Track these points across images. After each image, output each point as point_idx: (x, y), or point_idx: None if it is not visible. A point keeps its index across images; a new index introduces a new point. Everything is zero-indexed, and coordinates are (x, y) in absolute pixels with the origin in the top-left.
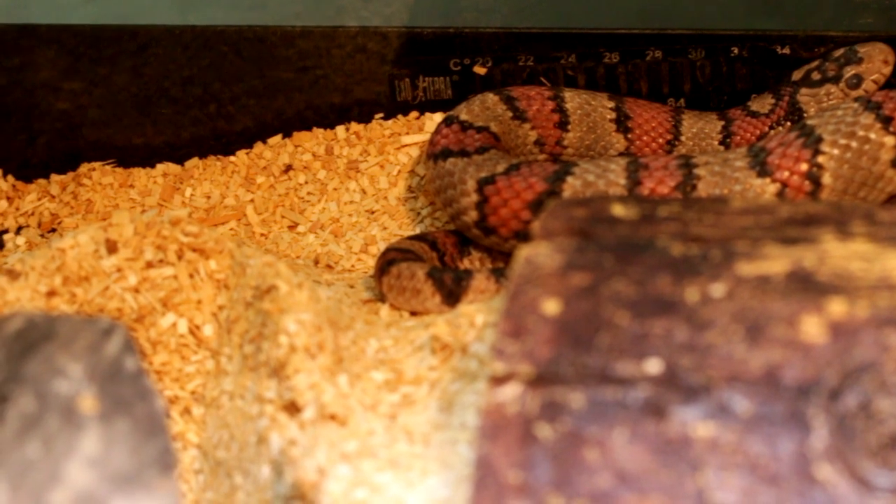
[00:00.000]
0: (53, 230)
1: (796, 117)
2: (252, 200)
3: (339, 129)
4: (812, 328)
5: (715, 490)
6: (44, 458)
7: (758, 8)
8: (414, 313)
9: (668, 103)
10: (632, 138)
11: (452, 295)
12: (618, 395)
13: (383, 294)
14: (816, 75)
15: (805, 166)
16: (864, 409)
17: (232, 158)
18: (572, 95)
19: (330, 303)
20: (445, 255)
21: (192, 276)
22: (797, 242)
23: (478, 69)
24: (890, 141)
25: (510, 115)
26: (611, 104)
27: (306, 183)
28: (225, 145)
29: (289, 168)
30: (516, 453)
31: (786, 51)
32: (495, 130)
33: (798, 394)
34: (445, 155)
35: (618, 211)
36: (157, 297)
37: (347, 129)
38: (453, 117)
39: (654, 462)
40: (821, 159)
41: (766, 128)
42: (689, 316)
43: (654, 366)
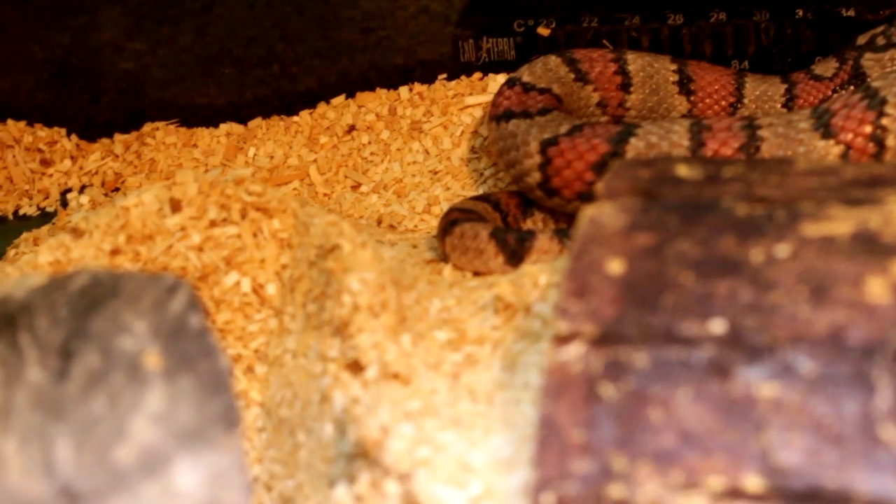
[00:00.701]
0: (117, 189)
1: (860, 81)
2: (315, 161)
3: (403, 90)
4: (876, 289)
5: (778, 450)
6: (109, 414)
7: None
8: (477, 273)
9: (731, 66)
10: (694, 101)
11: (516, 255)
12: (682, 355)
13: (446, 254)
14: (881, 40)
15: (869, 128)
16: None
17: (295, 119)
18: (635, 57)
19: (393, 262)
20: (508, 215)
21: (255, 235)
22: (862, 203)
23: (541, 30)
24: None
25: (572, 76)
26: (673, 66)
27: (369, 143)
28: (288, 105)
29: (352, 128)
30: (580, 412)
31: (850, 13)
32: (558, 92)
33: (862, 354)
34: (508, 116)
35: (682, 171)
36: (221, 256)
37: (411, 90)
38: (516, 79)
39: (718, 422)
40: (885, 121)
41: (830, 91)
42: (753, 276)
43: (718, 326)
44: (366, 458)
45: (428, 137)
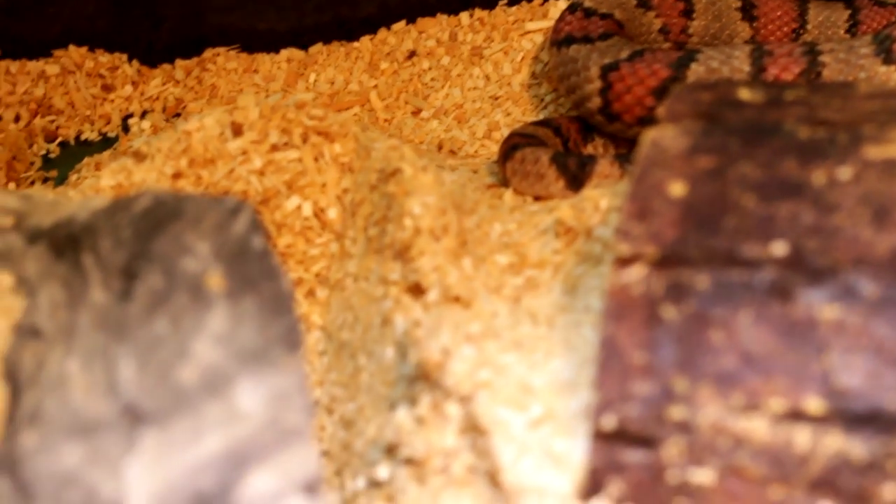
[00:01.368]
0: (178, 115)
1: None
2: (376, 86)
3: (463, 16)
4: None
5: (840, 372)
6: (172, 335)
7: None
8: (538, 198)
9: None
10: (757, 27)
11: (576, 179)
12: (743, 277)
13: (507, 179)
14: None
15: None
16: None
17: (356, 44)
18: None
19: (454, 186)
20: (569, 140)
21: (316, 159)
22: None
23: None
24: None
25: (634, 2)
26: None
27: (430, 69)
28: (348, 31)
29: (412, 54)
30: (641, 334)
31: None
32: (619, 18)
33: None
34: (569, 41)
35: (744, 95)
36: (282, 180)
37: (471, 16)
38: (577, 4)
39: (780, 344)
40: None
41: (894, 18)
42: (815, 199)
43: (780, 248)
44: (427, 381)
45: (488, 63)
